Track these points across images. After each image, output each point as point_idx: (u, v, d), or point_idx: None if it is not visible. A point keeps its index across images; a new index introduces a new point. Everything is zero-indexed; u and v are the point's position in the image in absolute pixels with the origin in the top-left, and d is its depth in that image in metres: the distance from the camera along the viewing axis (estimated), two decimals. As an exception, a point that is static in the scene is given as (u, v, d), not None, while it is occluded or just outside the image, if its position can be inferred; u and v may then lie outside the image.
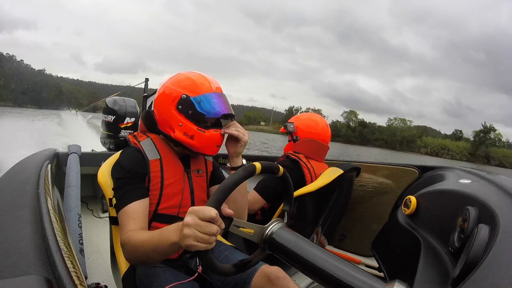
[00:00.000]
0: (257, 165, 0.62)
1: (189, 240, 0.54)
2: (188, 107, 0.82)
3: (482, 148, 73.47)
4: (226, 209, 0.60)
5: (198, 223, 0.53)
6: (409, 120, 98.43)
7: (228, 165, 0.94)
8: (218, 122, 0.90)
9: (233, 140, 0.90)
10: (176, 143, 0.88)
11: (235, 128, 0.88)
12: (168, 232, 0.62)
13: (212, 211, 0.53)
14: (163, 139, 0.91)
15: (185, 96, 0.82)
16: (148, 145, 0.88)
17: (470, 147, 75.31)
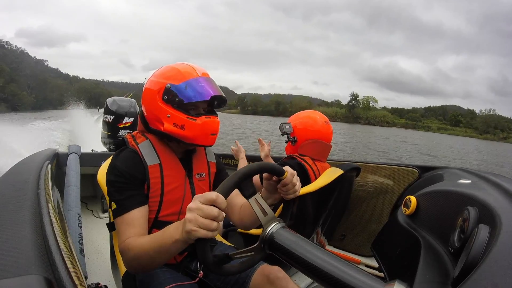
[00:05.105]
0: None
1: (190, 225, 0.53)
2: (174, 96, 0.77)
3: (353, 111, 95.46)
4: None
5: (199, 207, 0.52)
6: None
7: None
8: (210, 108, 0.84)
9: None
10: (170, 138, 0.82)
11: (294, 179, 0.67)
12: (171, 229, 0.61)
13: (213, 194, 0.52)
14: (162, 140, 0.86)
15: (169, 85, 0.78)
16: (146, 148, 0.82)
17: (345, 111, 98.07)
